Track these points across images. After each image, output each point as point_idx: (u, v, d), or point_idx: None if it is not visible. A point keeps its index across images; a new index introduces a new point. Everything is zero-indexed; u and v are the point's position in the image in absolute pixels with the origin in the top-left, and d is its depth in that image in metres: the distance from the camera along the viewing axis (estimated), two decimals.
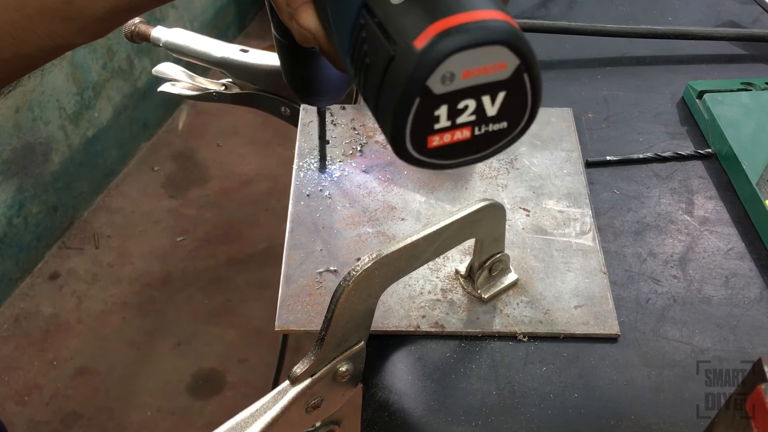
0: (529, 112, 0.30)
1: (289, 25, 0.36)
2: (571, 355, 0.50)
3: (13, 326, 1.56)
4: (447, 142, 0.29)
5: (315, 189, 0.61)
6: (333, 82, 0.52)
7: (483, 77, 0.27)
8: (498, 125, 0.29)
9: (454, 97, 0.28)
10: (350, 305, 0.42)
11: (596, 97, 0.71)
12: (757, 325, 0.51)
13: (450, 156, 0.30)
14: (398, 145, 0.29)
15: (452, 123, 0.28)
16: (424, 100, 0.27)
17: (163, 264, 1.70)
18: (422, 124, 0.28)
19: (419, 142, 0.29)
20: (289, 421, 0.43)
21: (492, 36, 0.27)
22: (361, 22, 0.29)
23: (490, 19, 0.27)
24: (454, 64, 0.26)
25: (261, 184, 1.90)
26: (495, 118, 0.29)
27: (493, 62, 0.27)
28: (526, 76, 0.28)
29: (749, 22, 0.82)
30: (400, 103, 0.27)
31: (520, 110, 0.29)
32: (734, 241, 0.57)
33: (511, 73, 0.28)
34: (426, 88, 0.27)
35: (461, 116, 0.28)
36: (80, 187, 1.77)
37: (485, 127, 0.29)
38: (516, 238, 0.57)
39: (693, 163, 0.64)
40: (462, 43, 0.26)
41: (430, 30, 0.26)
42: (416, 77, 0.26)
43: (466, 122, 0.29)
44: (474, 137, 0.29)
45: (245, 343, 1.54)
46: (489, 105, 0.28)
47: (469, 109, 0.28)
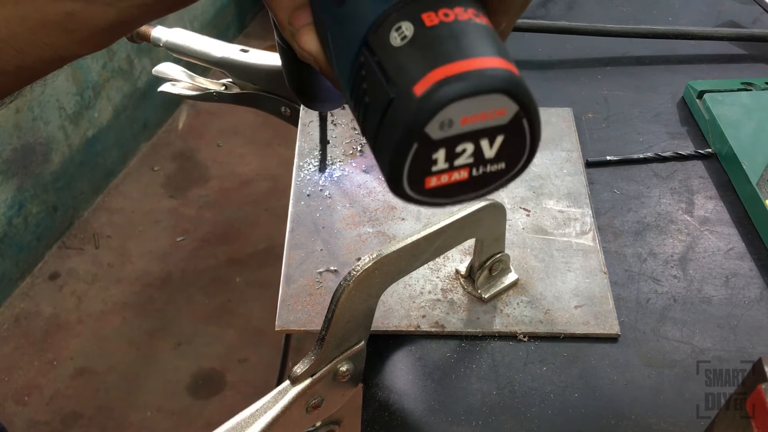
0: (528, 153, 0.30)
1: (290, 43, 0.36)
2: (571, 355, 0.50)
3: (13, 326, 1.56)
4: (444, 183, 0.29)
5: (315, 189, 0.61)
6: (335, 90, 0.52)
7: (481, 123, 0.28)
8: (496, 166, 0.30)
9: (452, 141, 0.28)
10: (350, 305, 0.42)
11: (596, 97, 0.71)
12: (757, 325, 0.51)
13: (447, 195, 0.30)
14: (395, 186, 0.29)
15: (450, 165, 0.29)
16: (421, 145, 0.27)
17: (163, 264, 1.70)
18: (419, 166, 0.28)
19: (416, 183, 0.29)
20: (290, 421, 0.43)
21: (491, 85, 0.27)
22: (362, 60, 0.29)
23: (490, 68, 0.27)
24: (453, 112, 0.27)
25: (261, 184, 1.90)
26: (493, 160, 0.29)
27: (492, 109, 0.27)
28: (525, 121, 0.28)
29: (749, 22, 0.82)
30: (398, 146, 0.27)
31: (518, 152, 0.30)
32: (734, 241, 0.57)
33: (510, 118, 0.28)
34: (424, 134, 0.27)
35: (459, 159, 0.29)
36: (80, 187, 1.77)
37: (483, 168, 0.29)
38: (516, 238, 0.57)
39: (693, 163, 0.64)
40: (461, 92, 0.26)
41: (430, 77, 0.26)
42: (415, 123, 0.27)
43: (464, 164, 0.29)
44: (472, 178, 0.30)
45: (245, 343, 1.54)
46: (487, 148, 0.29)
47: (467, 153, 0.28)
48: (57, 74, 1.65)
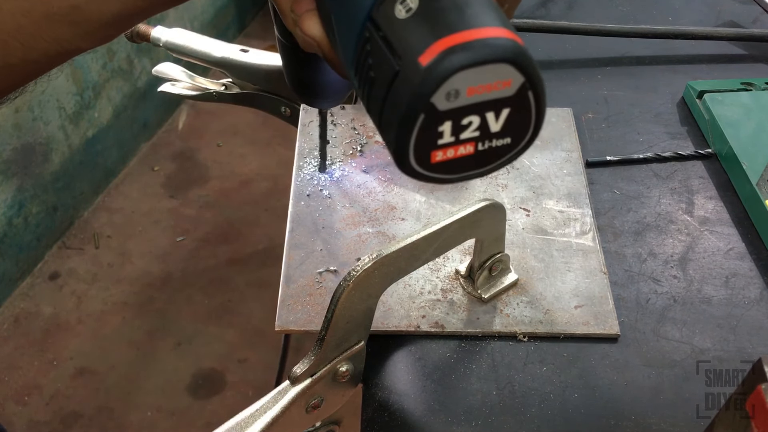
0: (533, 128, 0.30)
1: (293, 31, 0.35)
2: (571, 355, 0.50)
3: (13, 326, 1.56)
4: (450, 157, 0.29)
5: (315, 189, 0.61)
6: (335, 85, 0.52)
7: (488, 94, 0.27)
8: (502, 141, 0.30)
9: (459, 113, 0.28)
10: (350, 305, 0.42)
11: (596, 97, 0.71)
12: (757, 325, 0.52)
13: (453, 171, 0.30)
14: (401, 160, 0.29)
15: (456, 139, 0.29)
16: (428, 117, 0.27)
17: (163, 264, 1.70)
18: (426, 139, 0.28)
19: (422, 157, 0.29)
20: (290, 421, 0.43)
21: (497, 54, 0.27)
22: (366, 35, 0.29)
23: (496, 37, 0.27)
24: (459, 81, 0.27)
25: (261, 184, 1.90)
26: (499, 134, 0.29)
27: (498, 80, 0.27)
28: (531, 93, 0.28)
29: (749, 22, 0.82)
30: (404, 118, 0.27)
31: (524, 126, 0.30)
32: (734, 241, 0.57)
33: (515, 90, 0.28)
34: (430, 105, 0.27)
35: (465, 132, 0.28)
36: (80, 187, 1.77)
37: (489, 142, 0.29)
38: (516, 238, 0.57)
39: (693, 163, 0.64)
40: (467, 61, 0.26)
41: (435, 47, 0.26)
42: (421, 93, 0.27)
43: (470, 138, 0.29)
44: (477, 152, 0.29)
45: (245, 343, 1.54)
46: (493, 121, 0.29)
47: (473, 125, 0.28)
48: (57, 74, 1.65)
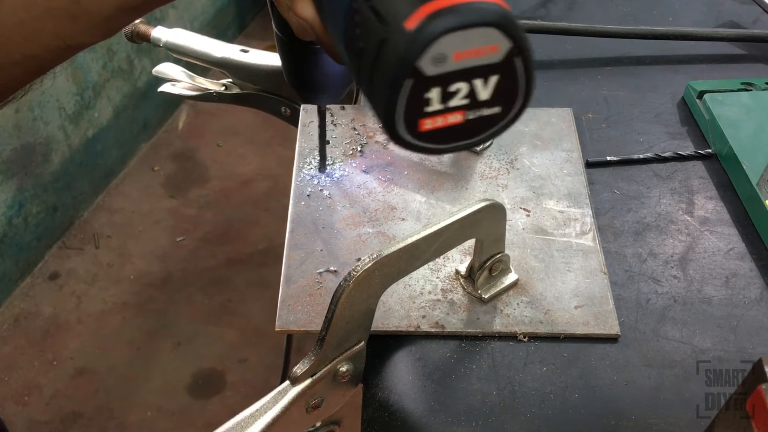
0: (523, 97, 0.30)
1: (288, 17, 0.36)
2: (571, 356, 0.50)
3: (13, 326, 1.56)
4: (440, 125, 0.29)
5: (315, 189, 0.61)
6: (333, 79, 0.52)
7: (475, 60, 0.27)
8: (491, 110, 0.29)
9: (446, 79, 0.28)
10: (350, 305, 0.42)
11: (596, 97, 0.71)
12: (757, 326, 0.51)
13: (443, 140, 0.30)
14: (390, 127, 0.29)
15: (444, 106, 0.28)
16: (416, 82, 0.27)
17: (163, 264, 1.70)
18: (414, 106, 0.28)
19: (411, 124, 0.29)
20: (290, 421, 0.43)
21: (483, 17, 0.27)
22: (355, 7, 0.29)
23: (482, 1, 0.27)
24: (446, 45, 0.27)
25: (261, 184, 1.90)
26: (488, 103, 0.29)
27: (485, 44, 0.27)
28: (519, 59, 0.28)
29: (749, 22, 0.82)
30: (392, 84, 0.27)
31: (513, 95, 0.29)
32: (734, 241, 0.57)
33: (503, 56, 0.28)
34: (417, 69, 0.27)
35: (453, 100, 0.28)
36: (80, 187, 1.77)
37: (478, 111, 0.29)
38: (516, 239, 0.57)
39: (693, 164, 0.64)
40: (453, 24, 0.26)
41: (421, 11, 0.26)
42: (407, 58, 0.27)
43: (459, 106, 0.29)
44: (467, 121, 0.29)
45: (245, 343, 1.54)
46: (481, 88, 0.28)
47: (461, 93, 0.28)
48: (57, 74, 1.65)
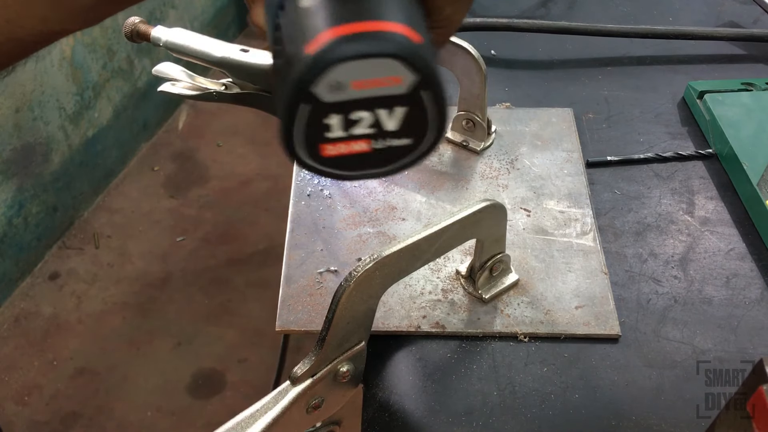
0: (435, 131, 0.29)
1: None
2: (571, 356, 0.50)
3: (13, 326, 1.56)
4: (344, 152, 0.28)
5: (315, 189, 0.61)
6: None
7: (376, 90, 0.27)
8: (401, 141, 0.29)
9: (346, 107, 0.27)
10: (351, 306, 0.42)
11: (597, 97, 0.71)
12: (757, 326, 0.51)
13: (349, 167, 0.29)
14: (289, 150, 0.28)
15: (348, 134, 0.28)
16: (313, 108, 0.27)
17: (163, 264, 1.70)
18: (314, 131, 0.27)
19: (311, 149, 0.28)
20: (290, 421, 0.43)
21: (383, 49, 0.26)
22: (277, 22, 0.29)
23: (388, 31, 0.26)
24: (343, 73, 0.26)
25: (261, 184, 1.90)
26: (396, 134, 0.28)
27: (386, 75, 0.26)
28: (426, 93, 0.27)
29: (749, 22, 0.82)
30: (288, 107, 0.27)
31: (423, 127, 0.28)
32: (735, 241, 0.57)
33: (408, 88, 0.27)
34: (313, 95, 0.26)
35: (357, 128, 0.28)
36: (80, 187, 1.77)
37: (386, 141, 0.28)
38: (517, 239, 0.57)
39: (694, 164, 0.64)
40: (350, 53, 0.26)
41: (322, 36, 0.26)
42: (302, 82, 0.26)
43: (363, 134, 0.28)
44: (375, 151, 0.29)
45: (245, 343, 1.54)
46: (387, 119, 0.28)
47: (364, 122, 0.28)
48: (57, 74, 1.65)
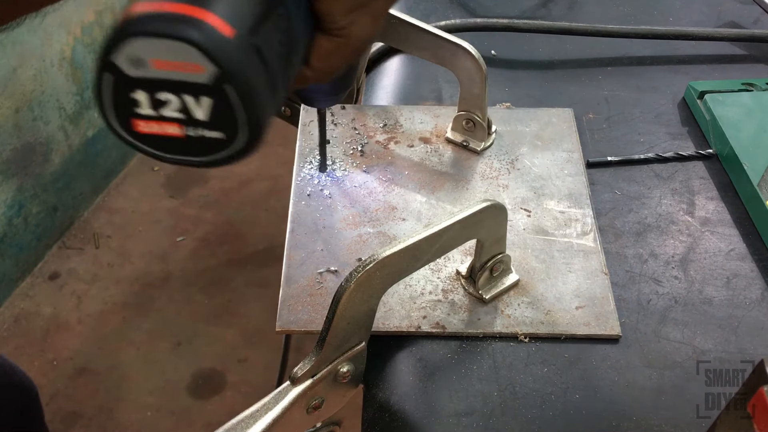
0: (248, 130, 0.29)
1: None
2: (572, 356, 0.50)
3: (13, 326, 1.56)
4: (156, 132, 0.29)
5: (315, 189, 0.61)
6: (332, 83, 0.52)
7: (178, 74, 0.27)
8: (213, 133, 0.29)
9: (151, 85, 0.27)
10: (351, 306, 0.42)
11: (597, 97, 0.71)
12: (758, 326, 0.51)
13: (165, 149, 0.30)
14: (103, 118, 0.29)
15: (157, 114, 0.28)
16: (116, 78, 0.27)
17: (163, 264, 1.70)
18: (123, 103, 0.28)
19: (123, 122, 0.29)
20: (290, 421, 0.43)
21: (178, 32, 0.26)
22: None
23: (195, 17, 0.26)
24: (140, 49, 0.26)
25: (261, 184, 1.90)
26: (208, 125, 0.28)
27: (186, 61, 0.26)
28: (231, 89, 0.27)
29: (750, 22, 0.82)
30: (96, 75, 0.27)
31: (233, 124, 0.28)
32: (735, 241, 0.57)
33: (211, 80, 0.27)
34: (115, 66, 0.27)
35: (166, 109, 0.28)
36: (80, 187, 1.77)
37: (198, 130, 0.29)
38: (517, 239, 0.57)
39: (694, 164, 0.64)
40: (146, 30, 0.26)
41: (135, 8, 0.26)
42: (103, 51, 0.27)
43: (174, 118, 0.28)
44: (188, 138, 0.29)
45: (245, 343, 1.54)
46: (195, 106, 0.28)
47: (172, 105, 0.28)
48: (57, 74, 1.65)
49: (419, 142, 0.65)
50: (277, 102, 0.30)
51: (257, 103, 0.28)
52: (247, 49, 0.27)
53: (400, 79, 0.73)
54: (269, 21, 0.29)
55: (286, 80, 0.31)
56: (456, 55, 0.59)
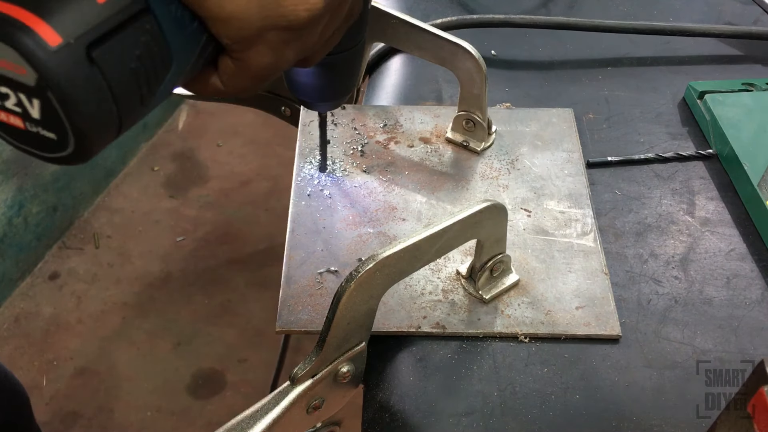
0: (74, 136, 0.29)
1: None
2: (572, 356, 0.50)
3: (13, 326, 1.56)
4: (3, 120, 0.29)
5: (316, 189, 0.61)
6: (333, 88, 0.52)
7: (8, 72, 0.27)
8: (48, 133, 0.29)
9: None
10: (351, 306, 0.42)
11: (597, 97, 0.71)
12: (758, 326, 0.51)
13: (14, 138, 0.30)
14: None
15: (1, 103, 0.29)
16: None
17: (163, 264, 1.70)
18: None
19: None
20: (290, 421, 0.43)
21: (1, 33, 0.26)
22: None
23: (19, 20, 0.26)
24: None
25: (261, 184, 1.90)
26: (42, 123, 0.29)
27: (8, 61, 0.27)
28: (53, 96, 0.27)
29: (750, 22, 0.82)
30: None
31: (61, 130, 0.29)
32: (735, 242, 0.57)
33: (34, 83, 0.27)
34: None
35: (6, 101, 0.29)
36: (80, 187, 1.77)
37: (34, 127, 0.29)
38: (517, 239, 0.56)
39: (694, 164, 0.64)
40: None
41: None
42: None
43: (13, 111, 0.29)
44: (29, 132, 0.29)
45: (245, 343, 1.54)
46: (29, 105, 0.28)
47: (10, 99, 0.28)
48: None
49: (419, 142, 0.65)
50: (124, 117, 0.31)
51: (83, 113, 0.28)
52: (77, 59, 0.27)
53: (400, 79, 0.73)
54: (119, 33, 0.29)
55: (140, 97, 0.31)
56: (456, 55, 0.59)
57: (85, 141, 0.29)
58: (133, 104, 0.31)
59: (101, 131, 0.30)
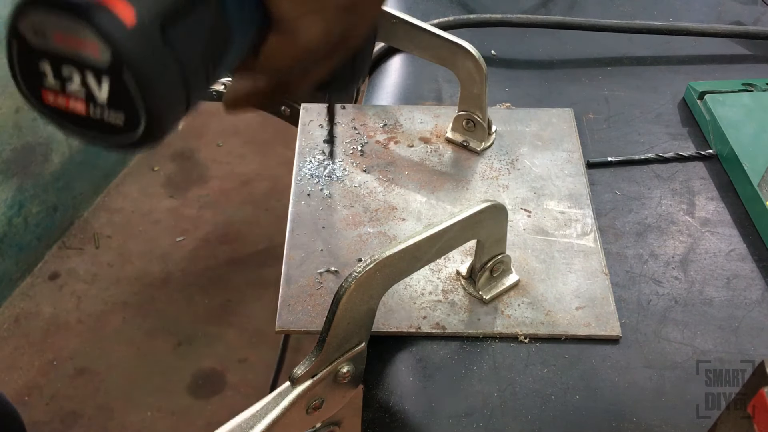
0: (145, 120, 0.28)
1: None
2: (572, 357, 0.50)
3: (13, 326, 1.56)
4: (62, 106, 0.29)
5: (315, 188, 0.61)
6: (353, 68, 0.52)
7: (76, 51, 0.27)
8: (113, 117, 0.28)
9: (53, 57, 0.27)
10: (351, 307, 0.42)
11: (597, 97, 0.71)
12: (758, 327, 0.51)
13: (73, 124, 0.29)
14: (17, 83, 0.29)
15: (62, 87, 0.28)
16: (20, 45, 0.27)
17: (163, 264, 1.69)
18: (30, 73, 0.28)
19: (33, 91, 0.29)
20: (290, 422, 0.43)
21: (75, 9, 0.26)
22: None
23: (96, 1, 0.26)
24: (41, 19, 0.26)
25: (261, 184, 1.90)
26: (109, 107, 0.28)
27: (83, 39, 0.26)
28: (130, 76, 0.27)
29: (750, 22, 0.82)
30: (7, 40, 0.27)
31: (132, 112, 0.28)
32: (735, 242, 0.57)
33: (108, 62, 0.26)
34: (19, 33, 0.27)
35: (70, 85, 0.28)
36: (80, 187, 1.77)
37: (99, 111, 0.28)
38: (517, 239, 0.56)
39: (694, 164, 0.64)
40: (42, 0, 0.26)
41: None
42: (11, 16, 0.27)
43: (77, 94, 0.28)
44: (91, 117, 0.29)
45: (245, 343, 1.54)
46: (96, 87, 0.28)
47: (75, 81, 0.28)
48: None
49: (419, 142, 0.65)
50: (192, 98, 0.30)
51: (158, 95, 0.28)
52: (152, 39, 0.27)
53: (400, 79, 0.73)
54: (190, 13, 0.28)
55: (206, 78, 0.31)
56: (456, 55, 0.59)
57: (158, 122, 0.28)
58: (200, 84, 0.30)
59: (172, 111, 0.29)
